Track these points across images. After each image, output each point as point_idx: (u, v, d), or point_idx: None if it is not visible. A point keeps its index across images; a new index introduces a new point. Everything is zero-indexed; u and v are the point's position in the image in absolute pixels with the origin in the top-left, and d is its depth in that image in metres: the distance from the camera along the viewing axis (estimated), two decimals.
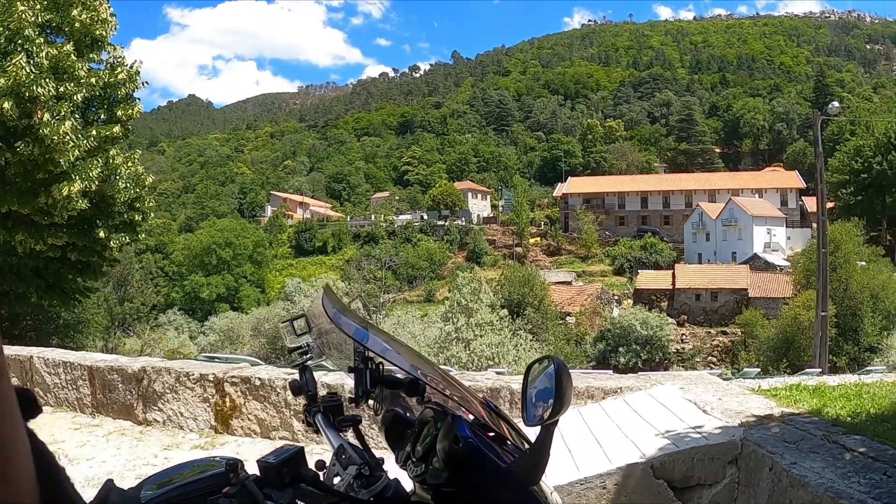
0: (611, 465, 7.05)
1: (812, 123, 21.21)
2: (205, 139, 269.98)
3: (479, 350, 25.11)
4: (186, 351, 42.93)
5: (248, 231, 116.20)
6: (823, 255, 21.00)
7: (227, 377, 10.77)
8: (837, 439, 6.32)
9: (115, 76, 19.98)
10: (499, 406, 2.92)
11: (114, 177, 19.77)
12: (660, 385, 9.66)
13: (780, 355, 50.88)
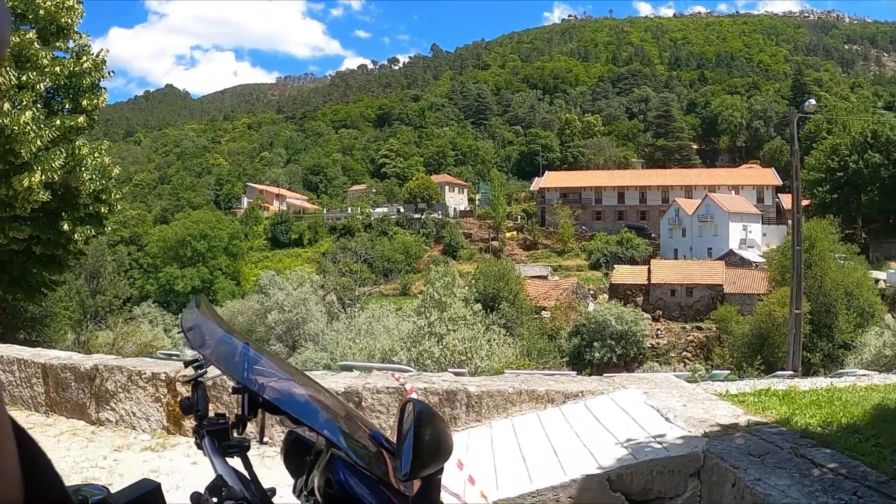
0: (566, 476, 6.74)
1: (789, 121, 20.92)
2: (181, 130, 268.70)
3: (451, 345, 24.79)
4: (159, 345, 42.43)
5: (223, 223, 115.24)
6: (798, 253, 20.81)
7: (179, 376, 10.42)
8: (806, 453, 6.02)
9: (81, 65, 19.46)
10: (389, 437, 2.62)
11: (79, 168, 19.25)
12: (623, 389, 9.33)
13: (755, 352, 50.86)
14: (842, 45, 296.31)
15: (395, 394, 9.27)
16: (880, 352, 27.70)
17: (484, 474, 7.67)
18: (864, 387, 10.34)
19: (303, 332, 50.36)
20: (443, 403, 9.32)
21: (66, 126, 18.82)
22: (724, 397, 9.22)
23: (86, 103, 19.63)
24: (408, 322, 30.06)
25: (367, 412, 9.21)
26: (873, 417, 7.64)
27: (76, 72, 19.46)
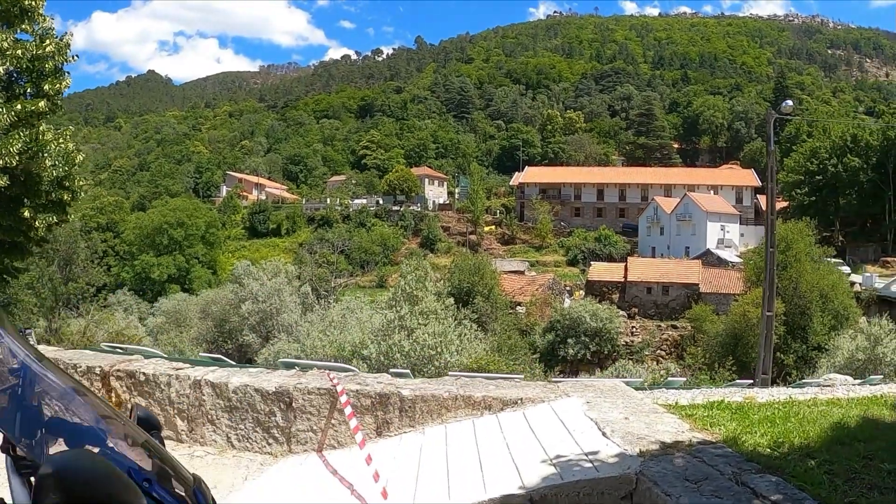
0: (486, 494, 6.46)
1: (766, 121, 20.82)
2: (162, 116, 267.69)
3: (421, 339, 24.61)
4: (131, 333, 42.04)
5: (200, 211, 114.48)
6: (771, 255, 20.74)
7: (114, 370, 9.95)
8: (748, 480, 5.62)
9: (43, 48, 18.99)
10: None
11: (42, 154, 18.79)
12: (565, 398, 8.88)
13: (728, 351, 50.84)
14: (825, 49, 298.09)
15: (326, 395, 8.86)
16: (853, 355, 27.70)
17: (404, 487, 7.36)
18: (825, 400, 9.86)
19: (276, 322, 50.09)
20: (376, 407, 8.92)
21: (26, 111, 18.38)
22: (673, 409, 8.74)
23: (48, 87, 19.17)
24: (380, 315, 29.86)
25: (298, 413, 8.84)
26: (830, 439, 7.15)
27: (39, 55, 19.00)
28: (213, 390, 9.14)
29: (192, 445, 8.83)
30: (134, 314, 75.16)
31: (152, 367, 9.91)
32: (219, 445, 8.98)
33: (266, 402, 8.95)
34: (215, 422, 9.11)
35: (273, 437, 9.01)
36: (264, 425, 9.04)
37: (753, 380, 28.39)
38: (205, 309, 58.32)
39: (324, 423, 8.82)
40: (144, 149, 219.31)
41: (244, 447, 9.01)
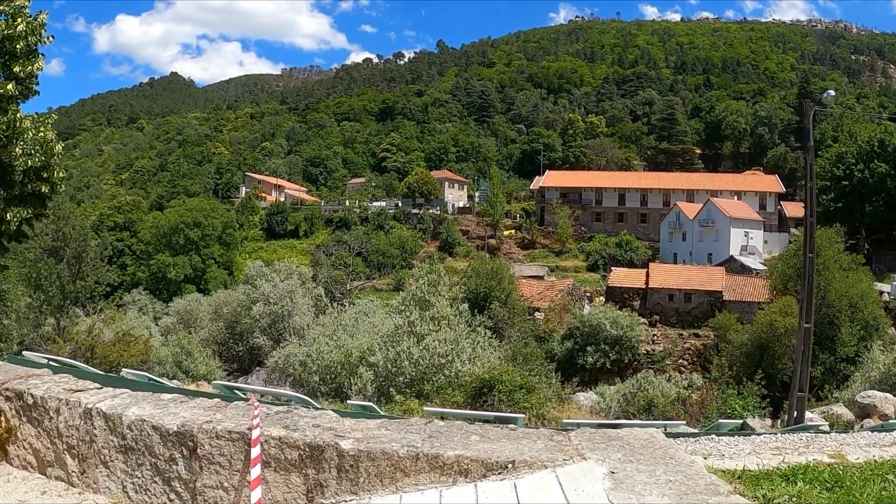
0: None
1: (804, 114, 19.23)
2: (184, 118, 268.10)
3: (431, 346, 23.24)
4: (138, 333, 40.80)
5: (217, 211, 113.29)
6: (810, 261, 19.09)
7: (2, 388, 8.06)
8: None
9: (14, 28, 17.58)
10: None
11: (14, 141, 17.37)
12: (578, 461, 5.67)
13: (754, 362, 49.32)
14: (848, 55, 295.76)
15: (240, 441, 6.19)
16: (889, 369, 26.07)
17: None
18: None
19: (288, 325, 48.92)
20: (305, 463, 6.09)
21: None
22: (739, 481, 6.53)
23: (18, 69, 17.75)
24: (391, 319, 28.55)
25: (204, 464, 6.35)
26: None
27: (9, 35, 17.62)
28: (105, 423, 6.92)
29: (84, 491, 7.03)
30: (149, 313, 74.41)
31: (43, 387, 7.82)
32: (114, 495, 6.93)
33: (166, 445, 6.47)
34: (109, 464, 6.99)
35: (175, 491, 6.39)
36: (164, 475, 6.49)
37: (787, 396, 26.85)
38: (217, 310, 57.22)
39: (237, 480, 6.27)
40: (166, 149, 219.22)
41: (142, 501, 6.81)
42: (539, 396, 22.34)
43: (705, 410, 22.46)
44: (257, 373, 43.35)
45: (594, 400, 33.33)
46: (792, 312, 51.48)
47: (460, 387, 23.00)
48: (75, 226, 44.90)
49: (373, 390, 23.93)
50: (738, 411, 20.57)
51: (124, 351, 32.61)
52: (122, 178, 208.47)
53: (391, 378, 23.79)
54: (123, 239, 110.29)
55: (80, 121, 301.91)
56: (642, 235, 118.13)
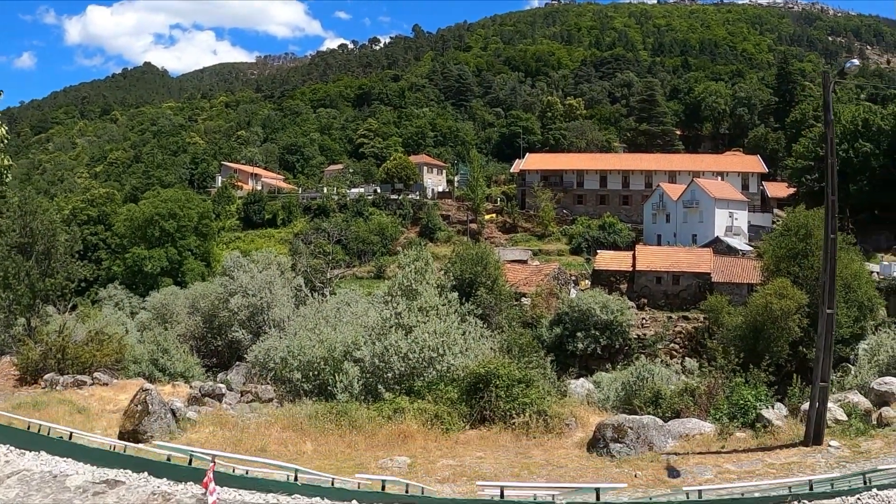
0: None
1: (823, 85, 17.57)
2: (159, 108, 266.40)
3: (421, 339, 21.67)
4: (112, 331, 38.97)
5: (193, 202, 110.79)
6: (832, 242, 17.53)
7: None
8: None
9: None
10: None
11: None
12: None
13: (749, 345, 48.19)
14: (825, 36, 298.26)
15: None
16: None
17: None
18: None
19: (267, 317, 47.19)
20: None
21: None
22: None
23: None
24: (376, 310, 26.90)
25: None
26: None
27: None
28: None
29: None
30: (125, 308, 72.44)
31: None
32: None
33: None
34: None
35: None
36: None
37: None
38: (194, 304, 55.35)
39: None
40: (140, 141, 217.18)
41: None
42: (539, 391, 20.81)
43: (714, 401, 20.96)
44: (237, 368, 41.73)
45: (589, 388, 31.76)
46: (788, 294, 50.38)
47: (453, 382, 21.59)
48: (43, 220, 42.90)
49: (359, 387, 22.35)
50: (752, 402, 19.07)
51: (97, 351, 30.95)
52: (97, 170, 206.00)
53: (379, 374, 22.19)
54: (98, 232, 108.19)
55: (53, 114, 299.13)
56: (625, 217, 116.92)
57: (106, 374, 29.33)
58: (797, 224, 59.60)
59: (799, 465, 15.61)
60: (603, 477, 15.89)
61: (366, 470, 16.52)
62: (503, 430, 19.49)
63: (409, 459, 17.31)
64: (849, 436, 17.24)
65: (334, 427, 19.62)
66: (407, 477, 15.84)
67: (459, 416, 20.22)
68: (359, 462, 17.36)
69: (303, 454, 18.12)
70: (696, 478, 15.50)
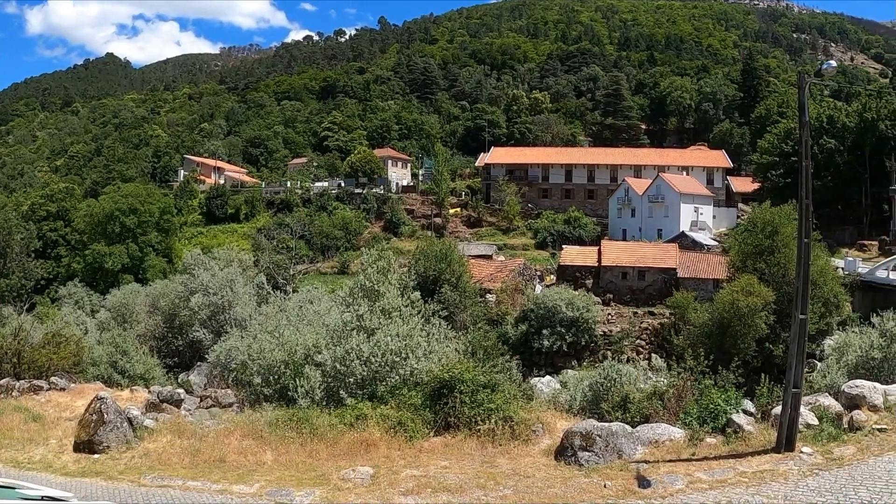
0: None
1: (798, 86, 17.02)
2: (121, 100, 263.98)
3: (383, 342, 21.08)
4: (70, 333, 38.03)
5: (154, 197, 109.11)
6: (806, 247, 17.02)
7: None
8: None
9: None
10: None
11: None
12: None
13: (716, 342, 48.16)
14: (790, 33, 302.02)
15: None
16: (867, 354, 24.46)
17: None
18: None
19: (229, 316, 46.29)
20: None
21: None
22: None
23: None
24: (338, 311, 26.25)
25: None
26: None
27: None
28: None
29: None
30: (85, 307, 71.17)
31: None
32: None
33: None
34: None
35: None
36: None
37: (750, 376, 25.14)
38: (154, 302, 54.29)
39: None
40: (102, 133, 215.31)
41: None
42: (504, 396, 20.26)
43: (683, 405, 20.55)
44: (199, 368, 40.86)
45: (555, 388, 31.37)
46: (755, 291, 50.35)
47: (417, 386, 21.03)
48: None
49: (321, 392, 21.72)
50: (722, 406, 18.67)
51: (54, 354, 30.06)
52: (57, 164, 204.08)
53: (341, 378, 21.55)
54: (57, 228, 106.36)
55: (14, 106, 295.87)
56: (590, 212, 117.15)
57: (63, 378, 28.46)
58: (763, 220, 59.69)
59: (772, 474, 15.20)
60: (571, 487, 15.43)
61: (327, 481, 15.99)
62: (468, 437, 18.93)
63: (372, 470, 16.71)
64: (821, 441, 16.87)
65: (295, 435, 19.00)
66: (370, 489, 15.50)
67: (423, 423, 19.65)
68: (320, 472, 16.75)
69: (263, 464, 17.54)
70: (667, 487, 15.05)
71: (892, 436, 16.77)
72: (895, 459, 15.14)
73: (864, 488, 13.61)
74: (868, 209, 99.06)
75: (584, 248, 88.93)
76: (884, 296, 62.80)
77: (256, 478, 16.40)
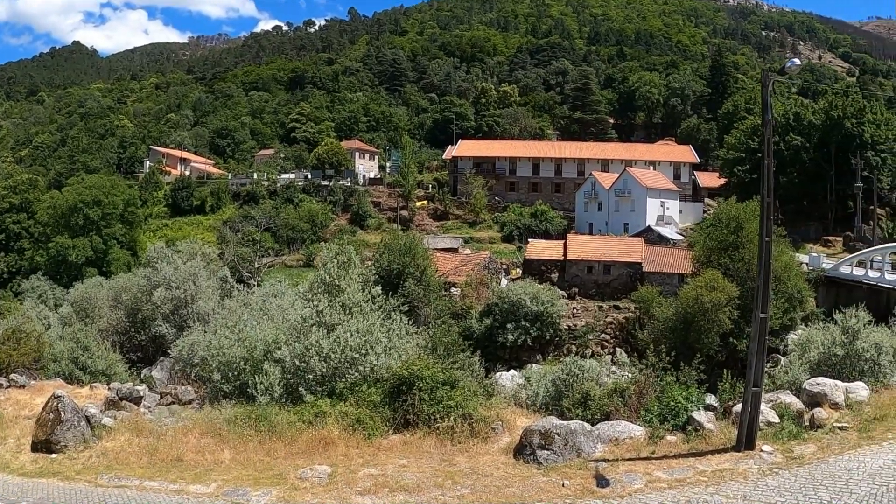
0: None
1: (762, 84, 16.95)
2: (87, 89, 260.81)
3: (343, 339, 20.86)
4: (30, 328, 37.48)
5: (118, 188, 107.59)
6: (767, 245, 16.97)
7: None
8: None
9: None
10: None
11: None
12: None
13: (680, 337, 48.41)
14: (759, 31, 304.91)
15: None
16: (829, 350, 24.52)
17: None
18: None
19: (192, 311, 45.78)
20: None
21: None
22: None
23: None
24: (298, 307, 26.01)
25: None
26: None
27: None
28: None
29: None
30: (48, 301, 70.29)
31: None
32: None
33: None
34: None
35: None
36: None
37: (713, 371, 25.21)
38: (116, 296, 53.62)
39: None
40: (67, 123, 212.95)
41: None
42: (464, 393, 20.10)
43: (645, 402, 20.48)
44: (161, 363, 40.38)
45: (519, 382, 31.22)
46: (719, 287, 50.62)
47: (377, 383, 20.84)
48: None
49: (281, 389, 21.46)
50: (683, 403, 18.63)
51: (14, 350, 29.53)
52: (21, 154, 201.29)
53: (300, 375, 21.32)
54: (20, 221, 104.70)
55: None
56: (557, 205, 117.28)
57: (24, 374, 28.04)
58: (728, 216, 60.05)
59: (731, 473, 15.17)
60: (529, 486, 15.32)
61: (284, 481, 15.79)
62: (427, 435, 18.79)
63: (330, 468, 16.52)
64: (781, 440, 16.88)
65: (254, 433, 18.79)
66: (327, 489, 15.31)
67: (382, 420, 19.50)
68: (278, 472, 16.55)
69: (220, 463, 17.31)
70: (625, 487, 14.97)
71: (852, 434, 16.91)
72: (855, 458, 15.21)
73: (824, 488, 13.59)
74: (833, 205, 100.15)
75: (549, 241, 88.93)
76: (847, 291, 63.63)
77: (214, 477, 16.14)
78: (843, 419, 17.83)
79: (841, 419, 17.83)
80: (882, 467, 14.46)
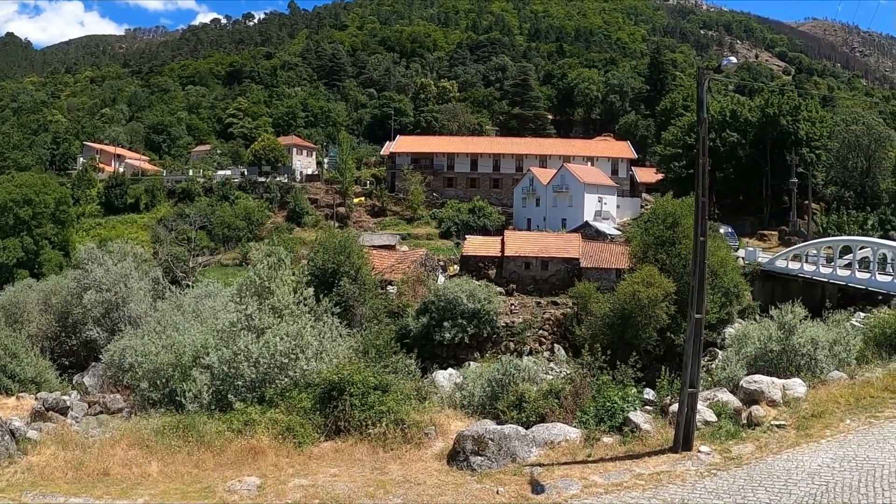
0: None
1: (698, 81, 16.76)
2: (20, 83, 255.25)
3: (272, 343, 20.38)
4: None
5: (49, 187, 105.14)
6: (702, 245, 16.82)
7: None
8: None
9: None
10: None
11: None
12: None
13: (617, 333, 48.60)
14: (698, 29, 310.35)
15: None
16: (766, 346, 24.61)
17: None
18: None
19: (123, 314, 44.72)
20: None
21: None
22: None
23: None
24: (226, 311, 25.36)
25: None
26: None
27: None
28: None
29: None
30: None
31: None
32: None
33: None
34: None
35: None
36: None
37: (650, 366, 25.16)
38: (46, 300, 52.23)
39: None
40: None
41: None
42: (396, 397, 19.73)
43: (581, 402, 20.24)
44: (93, 369, 39.27)
45: (457, 383, 30.94)
46: (656, 282, 50.88)
47: (308, 388, 20.36)
48: None
49: (209, 397, 20.83)
50: (619, 404, 18.45)
51: None
52: None
53: (229, 381, 20.73)
54: None
55: None
56: (495, 201, 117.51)
57: None
58: (665, 212, 60.46)
59: (669, 475, 15.02)
60: (463, 494, 15.01)
61: (213, 494, 15.27)
62: (359, 442, 18.40)
63: (259, 480, 16.02)
64: (719, 439, 16.82)
65: (182, 443, 18.15)
66: (256, 501, 14.91)
67: (314, 427, 19.02)
68: (206, 485, 15.98)
69: (148, 477, 16.65)
70: (560, 493, 14.73)
71: (790, 432, 16.98)
72: (794, 457, 15.22)
73: (763, 489, 13.53)
74: (769, 201, 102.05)
75: (487, 238, 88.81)
76: (782, 284, 64.91)
77: (140, 492, 15.49)
78: (780, 417, 17.89)
79: (779, 417, 17.88)
80: (821, 466, 14.46)
